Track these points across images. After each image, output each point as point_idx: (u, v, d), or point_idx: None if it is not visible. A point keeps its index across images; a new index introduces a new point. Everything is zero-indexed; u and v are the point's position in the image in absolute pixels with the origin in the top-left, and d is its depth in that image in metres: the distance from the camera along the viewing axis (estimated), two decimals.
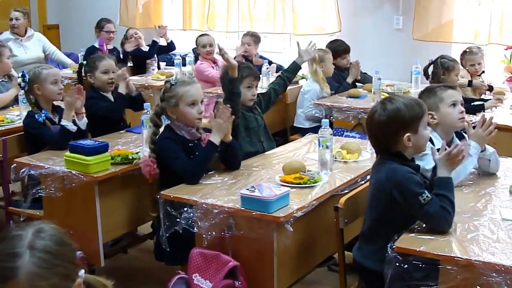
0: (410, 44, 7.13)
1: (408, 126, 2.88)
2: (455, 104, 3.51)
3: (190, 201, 3.25)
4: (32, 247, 1.62)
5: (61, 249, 1.67)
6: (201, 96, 3.70)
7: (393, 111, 2.89)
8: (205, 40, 7.16)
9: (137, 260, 4.63)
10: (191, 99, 3.63)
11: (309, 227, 3.35)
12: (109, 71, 4.81)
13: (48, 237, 1.67)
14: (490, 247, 2.58)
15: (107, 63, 4.82)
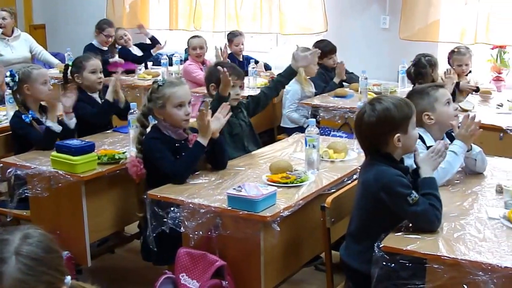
0: (397, 44, 7.15)
1: (398, 126, 2.88)
2: (449, 102, 3.55)
3: (177, 201, 3.24)
4: (18, 253, 1.61)
5: (48, 256, 1.66)
6: (188, 97, 3.68)
7: (383, 112, 2.89)
8: (196, 42, 7.15)
9: (124, 260, 4.62)
10: (179, 101, 3.61)
11: (296, 227, 3.35)
12: (97, 71, 4.78)
13: (35, 243, 1.65)
14: (477, 246, 2.59)
15: (94, 62, 4.79)
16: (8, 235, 1.65)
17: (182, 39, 8.99)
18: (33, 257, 1.62)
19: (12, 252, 1.60)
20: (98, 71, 4.79)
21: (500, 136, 4.80)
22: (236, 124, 4.26)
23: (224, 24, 8.48)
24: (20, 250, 1.61)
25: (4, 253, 1.60)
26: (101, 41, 7.69)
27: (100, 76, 4.79)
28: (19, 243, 1.63)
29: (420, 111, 3.40)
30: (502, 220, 2.82)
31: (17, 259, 1.59)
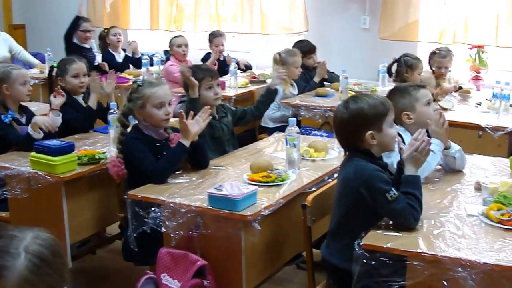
0: (377, 44, 7.17)
1: (371, 124, 2.90)
2: (430, 102, 3.57)
3: (158, 201, 3.24)
4: (28, 251, 1.61)
5: (55, 260, 1.66)
6: (168, 97, 3.67)
7: (355, 109, 2.92)
8: (180, 40, 7.20)
9: (106, 261, 4.60)
10: (158, 101, 3.60)
11: (277, 226, 3.36)
12: (80, 75, 4.70)
13: (46, 245, 1.66)
14: (456, 242, 2.61)
15: (77, 66, 4.71)
16: (19, 233, 1.66)
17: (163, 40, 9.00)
18: (41, 258, 1.63)
19: (22, 248, 1.61)
20: (81, 75, 4.71)
21: (479, 134, 4.85)
22: (218, 128, 4.25)
23: (205, 25, 8.46)
24: (30, 248, 1.62)
25: (14, 248, 1.61)
26: (80, 38, 7.67)
27: (82, 80, 4.71)
28: (30, 241, 1.64)
29: (400, 110, 3.43)
30: (481, 217, 2.85)
31: (26, 257, 1.60)
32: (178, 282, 3.14)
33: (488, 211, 2.84)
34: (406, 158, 2.92)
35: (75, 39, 7.69)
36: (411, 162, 2.90)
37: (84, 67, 4.77)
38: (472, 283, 2.44)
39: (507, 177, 3.47)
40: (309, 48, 6.66)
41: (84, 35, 7.70)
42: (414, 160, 2.90)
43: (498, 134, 4.80)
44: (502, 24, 6.50)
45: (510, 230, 2.71)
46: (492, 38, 6.57)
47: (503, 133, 4.79)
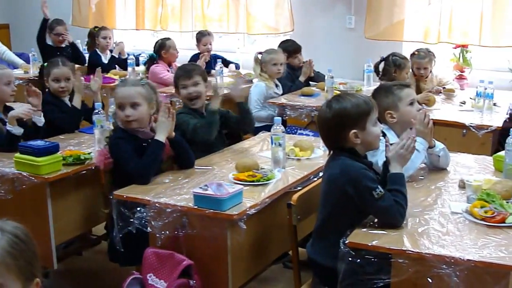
0: (362, 43, 7.19)
1: (354, 123, 2.91)
2: (413, 102, 3.57)
3: (143, 201, 3.24)
4: (3, 229, 1.70)
5: (27, 239, 1.74)
6: (130, 99, 3.60)
7: (338, 109, 2.94)
8: (173, 43, 7.22)
9: (92, 262, 4.58)
10: (118, 102, 3.62)
11: (262, 225, 3.36)
12: (60, 79, 4.65)
13: (15, 227, 1.74)
14: (440, 240, 2.63)
15: (58, 71, 4.66)
16: None
17: (149, 39, 9.01)
18: (16, 235, 1.71)
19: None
20: (61, 80, 4.65)
21: (463, 133, 4.88)
22: None
23: (191, 25, 8.46)
24: (5, 228, 1.71)
25: None
26: (54, 41, 7.67)
27: (63, 85, 4.65)
28: (2, 224, 1.73)
29: (384, 109, 3.45)
30: (465, 214, 2.87)
31: (3, 233, 1.69)
32: (164, 282, 3.14)
33: (472, 209, 2.86)
34: (392, 156, 2.94)
35: (49, 41, 7.66)
36: (397, 160, 2.92)
37: (66, 72, 4.69)
38: (456, 279, 2.46)
39: (491, 175, 3.50)
40: (294, 48, 6.68)
41: (57, 38, 7.68)
42: (400, 158, 2.92)
43: (481, 132, 4.84)
44: (485, 24, 6.53)
45: (494, 227, 2.73)
46: (476, 38, 6.61)
47: (486, 131, 4.83)
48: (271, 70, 6.15)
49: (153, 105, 3.69)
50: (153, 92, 3.73)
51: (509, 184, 3.15)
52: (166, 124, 3.59)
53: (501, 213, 2.79)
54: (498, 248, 2.53)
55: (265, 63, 6.14)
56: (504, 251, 2.50)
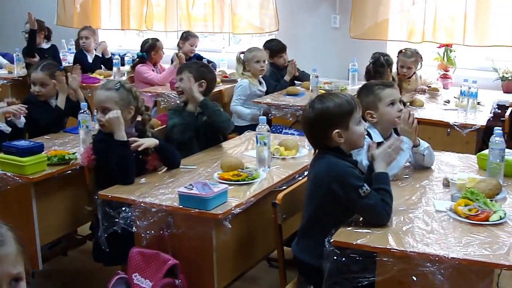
0: (347, 43, 7.20)
1: (336, 122, 2.92)
2: (394, 103, 3.56)
3: (128, 201, 3.23)
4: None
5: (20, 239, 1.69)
6: (100, 103, 3.59)
7: (321, 109, 2.94)
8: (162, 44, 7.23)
9: (77, 262, 4.57)
10: (95, 105, 3.64)
11: (248, 224, 3.37)
12: (36, 83, 4.63)
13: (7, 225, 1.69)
14: (425, 238, 2.64)
15: (33, 75, 4.64)
16: None
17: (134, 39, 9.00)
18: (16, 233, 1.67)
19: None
20: (36, 84, 4.62)
21: (447, 132, 4.91)
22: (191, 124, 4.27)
23: (176, 25, 8.46)
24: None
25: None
26: None
27: (37, 90, 4.62)
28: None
29: (364, 108, 3.45)
30: (449, 212, 2.89)
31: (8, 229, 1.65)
32: (149, 282, 3.14)
33: (456, 207, 2.88)
34: (378, 155, 2.95)
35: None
36: (383, 159, 2.94)
37: (40, 77, 4.62)
38: (441, 277, 2.48)
39: (475, 174, 3.52)
40: (279, 47, 6.69)
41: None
42: (386, 157, 2.94)
43: (466, 131, 4.88)
44: (469, 23, 6.57)
45: (478, 225, 2.75)
46: (460, 37, 6.64)
47: (470, 130, 4.87)
48: (255, 67, 6.16)
49: (131, 109, 3.64)
50: (131, 95, 3.66)
51: (493, 182, 3.18)
52: (118, 120, 3.53)
53: (485, 211, 2.81)
54: (482, 246, 2.54)
55: (248, 61, 6.15)
56: (488, 249, 2.52)
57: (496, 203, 2.94)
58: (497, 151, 3.34)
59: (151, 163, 3.66)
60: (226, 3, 8.01)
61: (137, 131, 3.70)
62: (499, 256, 2.46)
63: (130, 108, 3.64)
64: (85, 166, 3.68)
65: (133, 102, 3.66)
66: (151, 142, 3.62)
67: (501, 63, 6.65)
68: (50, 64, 4.84)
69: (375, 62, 5.75)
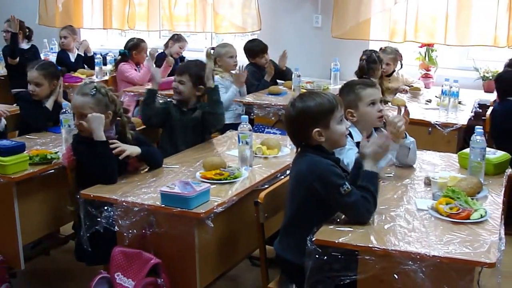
0: (329, 42, 7.23)
1: (317, 121, 2.92)
2: (374, 103, 3.57)
3: (110, 200, 3.23)
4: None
5: None
6: (77, 109, 3.58)
7: (301, 107, 2.95)
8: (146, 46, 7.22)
9: (59, 262, 4.54)
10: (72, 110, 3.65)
11: (230, 223, 3.37)
12: (30, 82, 4.61)
13: None
14: (406, 236, 2.66)
15: (28, 74, 4.62)
16: None
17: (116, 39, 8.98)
18: None
19: None
20: (31, 83, 4.60)
21: (428, 131, 4.95)
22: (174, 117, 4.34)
23: (158, 24, 8.45)
24: None
25: None
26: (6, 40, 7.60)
27: (31, 88, 4.59)
28: None
29: (345, 107, 3.46)
30: (430, 211, 2.91)
31: None
32: (132, 281, 3.13)
33: (437, 205, 2.90)
34: (368, 153, 2.95)
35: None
36: (372, 157, 2.94)
37: (34, 76, 4.59)
38: (422, 275, 2.50)
39: (456, 172, 3.54)
40: (261, 47, 6.68)
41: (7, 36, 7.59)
42: (374, 155, 2.95)
43: (447, 130, 4.92)
44: (451, 23, 6.62)
45: (459, 223, 2.77)
46: (441, 37, 6.68)
47: (452, 129, 4.92)
48: (228, 62, 6.19)
49: (109, 113, 3.61)
50: (107, 99, 3.62)
51: (474, 181, 3.20)
52: (96, 120, 3.51)
53: (466, 209, 2.83)
54: (463, 244, 2.57)
55: (220, 56, 6.17)
56: (469, 247, 2.54)
57: (477, 202, 2.96)
58: (478, 150, 3.37)
59: (133, 165, 3.66)
60: (208, 3, 8.01)
61: (117, 134, 3.68)
62: (480, 254, 2.48)
63: (108, 113, 3.61)
64: (66, 166, 3.66)
65: (110, 106, 3.63)
66: (132, 150, 3.58)
67: (482, 63, 6.72)
68: (47, 65, 4.83)
69: (368, 58, 5.77)
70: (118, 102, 3.71)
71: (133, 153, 3.58)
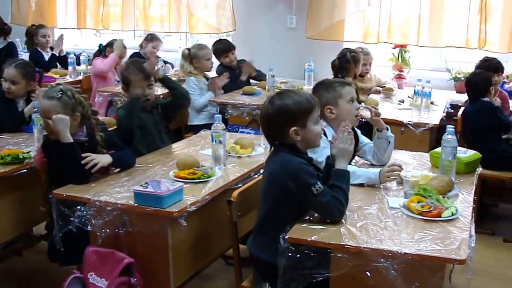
0: (303, 43, 7.24)
1: (294, 120, 2.93)
2: (353, 100, 3.62)
3: (83, 199, 3.21)
4: None
5: None
6: (43, 113, 3.54)
7: (280, 105, 2.95)
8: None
9: (32, 262, 4.51)
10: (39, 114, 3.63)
11: (203, 222, 3.37)
12: (6, 80, 4.57)
13: None
14: (378, 234, 2.69)
15: (5, 71, 4.58)
16: None
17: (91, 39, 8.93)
18: None
19: None
20: (7, 80, 4.56)
21: (401, 131, 4.99)
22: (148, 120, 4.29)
23: (133, 24, 8.42)
24: None
25: None
26: None
27: (7, 86, 4.56)
28: None
29: (324, 104, 3.48)
30: (402, 209, 2.94)
31: None
32: (105, 281, 3.12)
33: (409, 204, 2.93)
34: (335, 153, 2.97)
35: None
36: (340, 155, 2.96)
37: (11, 74, 4.56)
38: (394, 273, 2.52)
39: (427, 171, 3.58)
40: (224, 47, 6.67)
41: None
42: (342, 152, 2.96)
43: (419, 130, 4.97)
44: (423, 24, 6.67)
45: (430, 221, 2.81)
46: (414, 38, 6.74)
47: (424, 129, 4.97)
48: (205, 64, 6.23)
49: (77, 116, 3.55)
50: (74, 101, 3.56)
51: (445, 179, 3.24)
52: (61, 122, 3.47)
53: (437, 207, 2.87)
54: (434, 242, 2.60)
55: (198, 58, 6.18)
56: (440, 244, 2.58)
57: (448, 200, 3.00)
58: (449, 149, 3.40)
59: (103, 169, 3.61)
60: (183, 3, 7.99)
61: (87, 136, 3.65)
62: (451, 251, 2.52)
63: (76, 115, 3.56)
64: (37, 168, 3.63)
65: (77, 108, 3.57)
66: (104, 161, 3.55)
67: (454, 64, 6.78)
68: (26, 64, 4.79)
69: (341, 58, 5.80)
70: (86, 104, 3.64)
71: (104, 163, 3.54)
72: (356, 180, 3.32)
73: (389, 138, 3.68)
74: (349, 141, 2.99)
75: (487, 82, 5.17)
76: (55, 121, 3.45)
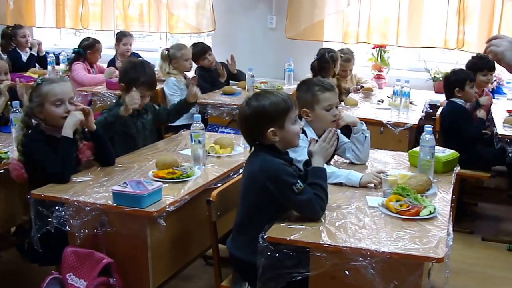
0: (283, 43, 7.27)
1: (272, 121, 2.93)
2: (330, 108, 3.62)
3: (61, 199, 3.18)
4: None
5: None
6: (68, 94, 3.55)
7: (257, 106, 2.95)
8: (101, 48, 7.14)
9: (10, 263, 4.47)
10: (56, 98, 3.51)
11: (183, 222, 3.37)
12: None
13: None
14: (357, 233, 2.70)
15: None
16: None
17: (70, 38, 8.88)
18: None
19: None
20: None
21: (380, 130, 5.02)
22: (131, 125, 4.25)
23: (112, 24, 8.39)
24: None
25: None
26: None
27: None
28: None
29: (301, 105, 3.50)
30: (381, 208, 2.96)
31: None
32: (84, 281, 3.11)
33: (387, 203, 2.94)
34: (315, 150, 2.98)
35: None
36: (320, 153, 2.97)
37: None
38: (373, 271, 2.54)
39: (406, 170, 3.61)
40: (203, 50, 6.67)
41: None
42: (322, 150, 2.98)
43: (398, 129, 5.01)
44: (402, 25, 6.73)
45: (408, 220, 2.82)
46: (393, 39, 6.79)
47: (403, 128, 5.01)
48: (184, 65, 6.21)
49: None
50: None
51: (423, 178, 3.26)
52: (74, 118, 3.51)
53: (416, 206, 2.89)
54: (412, 240, 2.61)
55: (176, 59, 6.16)
56: (418, 242, 2.59)
57: (426, 199, 3.03)
58: (427, 148, 3.42)
59: (83, 151, 3.61)
60: (162, 3, 7.99)
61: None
62: (429, 250, 2.54)
63: None
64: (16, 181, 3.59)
65: None
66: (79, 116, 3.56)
67: (433, 64, 6.84)
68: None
69: (320, 58, 5.83)
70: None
71: (91, 120, 3.61)
72: (336, 179, 3.34)
73: (364, 132, 3.70)
74: (332, 143, 3.01)
75: (460, 82, 5.17)
76: (72, 115, 3.50)
